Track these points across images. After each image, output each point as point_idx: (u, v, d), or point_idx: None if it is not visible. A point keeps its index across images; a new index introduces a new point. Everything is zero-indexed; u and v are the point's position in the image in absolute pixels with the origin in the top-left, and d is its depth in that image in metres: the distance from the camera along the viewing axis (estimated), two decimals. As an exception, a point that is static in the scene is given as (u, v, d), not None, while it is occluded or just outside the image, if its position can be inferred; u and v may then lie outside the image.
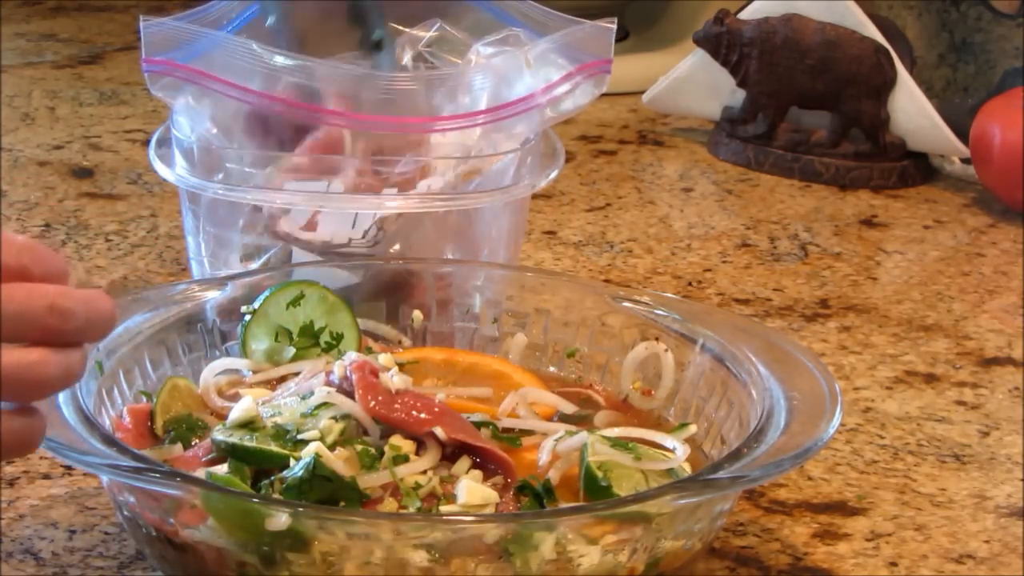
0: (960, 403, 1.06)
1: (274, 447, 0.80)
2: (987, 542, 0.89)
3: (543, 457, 0.84)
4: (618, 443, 0.83)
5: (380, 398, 0.83)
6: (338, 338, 0.93)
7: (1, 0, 1.92)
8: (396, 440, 0.82)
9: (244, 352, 0.93)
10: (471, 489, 0.79)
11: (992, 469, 0.97)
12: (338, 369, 0.85)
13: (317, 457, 0.78)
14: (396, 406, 0.83)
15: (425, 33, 1.10)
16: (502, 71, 1.03)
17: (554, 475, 0.83)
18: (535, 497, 0.80)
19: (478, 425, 0.85)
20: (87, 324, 0.71)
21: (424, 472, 0.80)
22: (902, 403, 1.05)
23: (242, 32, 1.06)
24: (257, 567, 0.75)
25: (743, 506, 0.91)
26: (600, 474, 0.80)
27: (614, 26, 1.05)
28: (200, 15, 1.05)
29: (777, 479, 0.91)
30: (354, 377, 0.83)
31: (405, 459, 0.81)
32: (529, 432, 0.87)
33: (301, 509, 0.75)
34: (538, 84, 1.02)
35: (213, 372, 0.90)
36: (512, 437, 0.86)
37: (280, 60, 1.00)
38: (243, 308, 0.93)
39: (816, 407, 0.84)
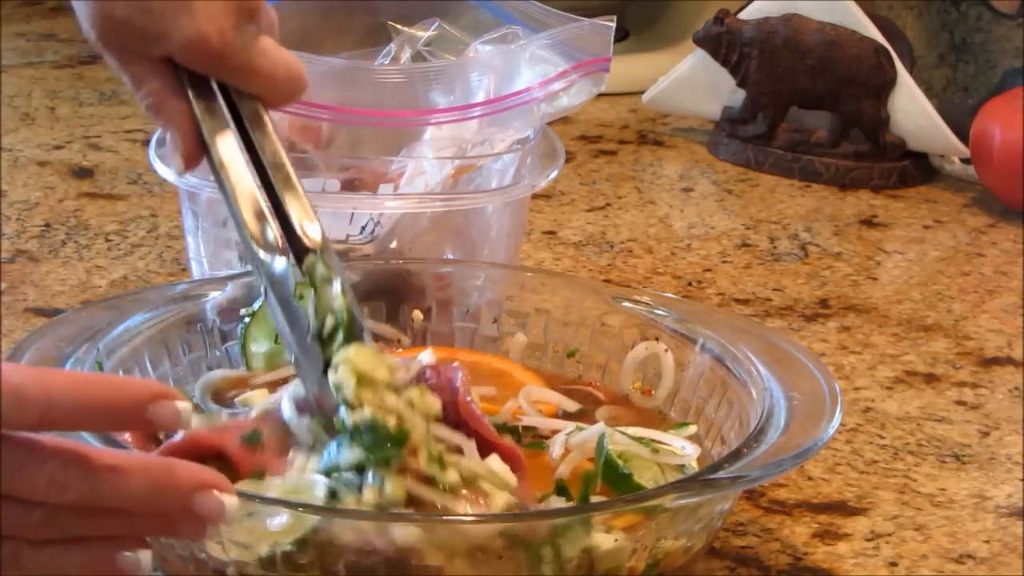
0: (960, 403, 1.05)
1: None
2: (987, 542, 0.89)
3: (555, 451, 0.84)
4: (633, 436, 0.84)
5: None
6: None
7: (1, 0, 1.92)
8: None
9: (244, 354, 0.93)
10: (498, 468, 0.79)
11: (992, 469, 0.97)
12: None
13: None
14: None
15: (424, 32, 1.10)
16: (498, 66, 1.03)
17: (565, 469, 0.83)
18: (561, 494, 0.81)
19: (499, 429, 0.86)
20: (93, 498, 0.67)
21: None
22: (902, 403, 1.05)
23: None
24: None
25: (743, 506, 0.91)
26: (621, 462, 0.81)
27: (613, 24, 1.05)
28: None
29: (777, 479, 0.91)
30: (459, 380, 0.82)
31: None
32: (545, 436, 0.87)
33: (301, 509, 0.75)
34: (535, 80, 1.02)
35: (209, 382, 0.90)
36: (536, 442, 0.86)
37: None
38: (242, 311, 0.93)
39: (816, 407, 0.84)
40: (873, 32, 1.46)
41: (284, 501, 0.76)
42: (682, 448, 0.85)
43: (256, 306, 0.93)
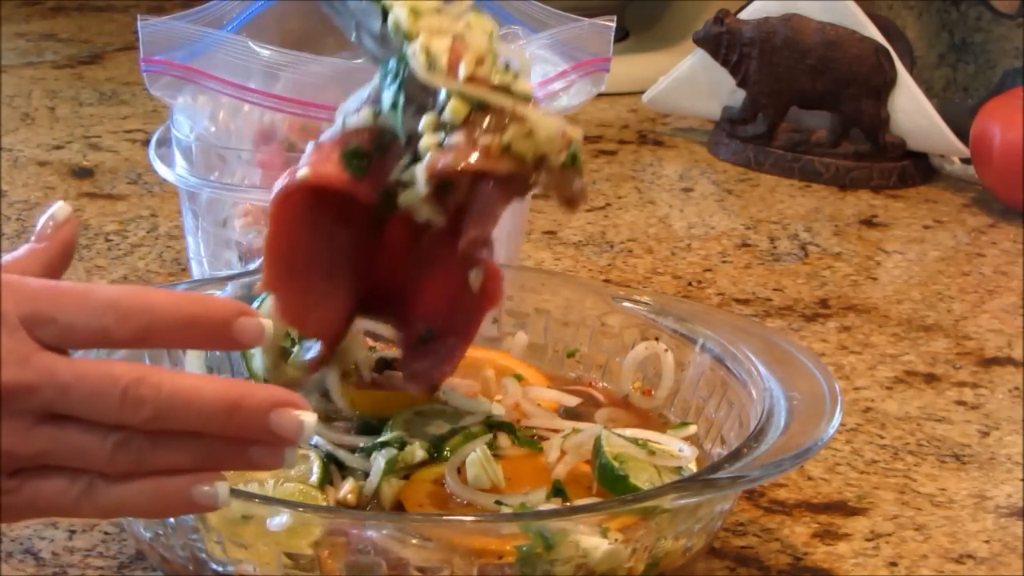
0: (960, 403, 1.05)
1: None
2: (987, 542, 0.89)
3: (552, 453, 0.84)
4: (630, 438, 0.84)
5: None
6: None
7: (1, 0, 1.92)
8: None
9: (244, 356, 0.93)
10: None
11: (992, 469, 0.97)
12: None
13: None
14: None
15: None
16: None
17: (561, 470, 0.83)
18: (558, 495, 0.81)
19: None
20: (169, 415, 0.66)
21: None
22: (902, 403, 1.05)
23: (241, 32, 1.06)
24: None
25: (743, 506, 0.91)
26: (617, 464, 0.81)
27: (613, 24, 1.05)
28: (199, 15, 1.05)
29: (777, 479, 0.91)
30: None
31: None
32: (543, 437, 0.87)
33: (301, 509, 0.75)
34: (534, 80, 1.02)
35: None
36: (533, 442, 0.86)
37: (276, 57, 1.00)
38: None
39: (816, 407, 0.84)
40: (873, 32, 1.46)
41: (284, 501, 0.76)
42: (679, 450, 0.85)
43: (254, 306, 0.93)
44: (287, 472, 0.81)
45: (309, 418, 0.68)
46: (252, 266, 1.03)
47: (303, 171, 0.80)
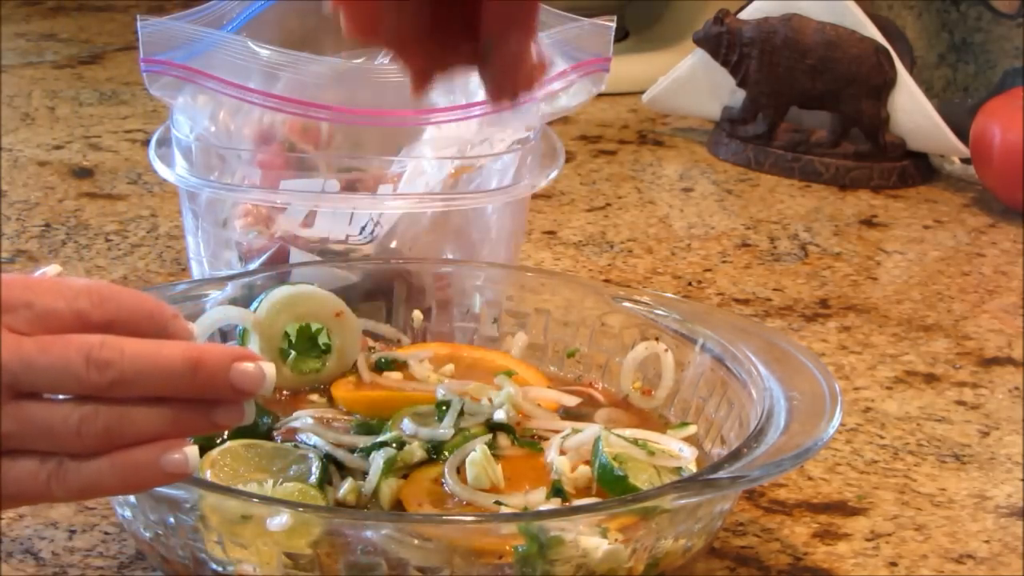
0: (960, 403, 1.05)
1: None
2: (987, 542, 0.89)
3: (551, 454, 0.84)
4: (629, 438, 0.84)
5: None
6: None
7: (1, 0, 1.92)
8: None
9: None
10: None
11: (992, 469, 0.97)
12: None
13: None
14: None
15: None
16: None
17: (561, 471, 0.83)
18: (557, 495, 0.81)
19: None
20: (134, 377, 0.66)
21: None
22: (902, 403, 1.05)
23: (241, 31, 1.06)
24: None
25: (743, 506, 0.91)
26: (616, 464, 0.81)
27: (613, 24, 1.05)
28: (198, 15, 1.05)
29: (777, 479, 0.91)
30: None
31: None
32: (543, 437, 0.87)
33: (300, 509, 0.75)
34: None
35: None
36: (532, 442, 0.86)
37: (276, 57, 1.00)
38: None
39: (816, 407, 0.84)
40: (873, 32, 1.46)
41: (283, 501, 0.76)
42: (679, 450, 0.85)
43: (253, 307, 0.93)
44: (286, 473, 0.81)
45: (269, 368, 0.68)
46: (252, 266, 1.03)
47: None
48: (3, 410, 0.66)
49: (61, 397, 0.67)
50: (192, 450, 0.68)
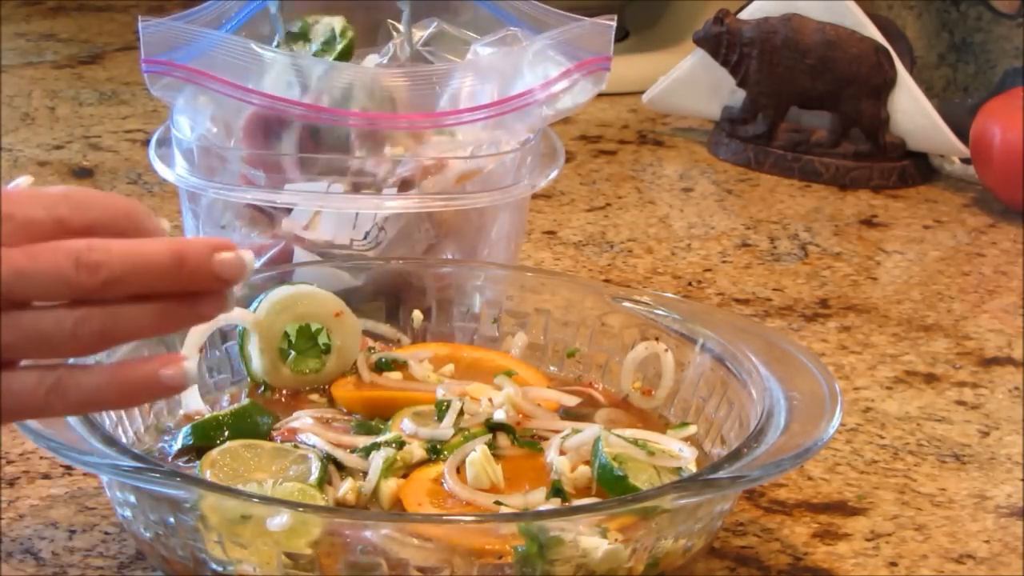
0: (960, 403, 1.05)
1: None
2: (987, 542, 0.89)
3: (551, 454, 0.84)
4: (629, 438, 0.84)
5: None
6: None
7: (1, 0, 1.92)
8: None
9: (242, 358, 0.93)
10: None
11: (992, 469, 0.97)
12: None
13: None
14: None
15: (423, 32, 1.10)
16: (500, 68, 1.03)
17: (560, 471, 0.83)
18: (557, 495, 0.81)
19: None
20: (123, 275, 0.67)
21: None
22: (902, 403, 1.05)
23: (241, 31, 1.06)
24: None
25: (743, 506, 0.91)
26: (616, 464, 0.81)
27: (613, 23, 1.05)
28: (199, 15, 1.05)
29: (777, 479, 0.91)
30: None
31: None
32: (543, 437, 0.87)
33: (300, 509, 0.75)
34: (536, 81, 1.02)
35: None
36: (532, 442, 0.86)
37: (278, 58, 1.00)
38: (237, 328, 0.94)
39: (816, 407, 0.84)
40: (873, 32, 1.46)
41: (283, 501, 0.76)
42: (679, 450, 0.85)
43: (252, 307, 0.93)
44: (286, 473, 0.81)
45: (248, 255, 0.69)
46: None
47: None
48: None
49: (52, 304, 0.67)
50: (190, 364, 0.69)
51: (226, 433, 0.85)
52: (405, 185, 1.02)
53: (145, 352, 0.86)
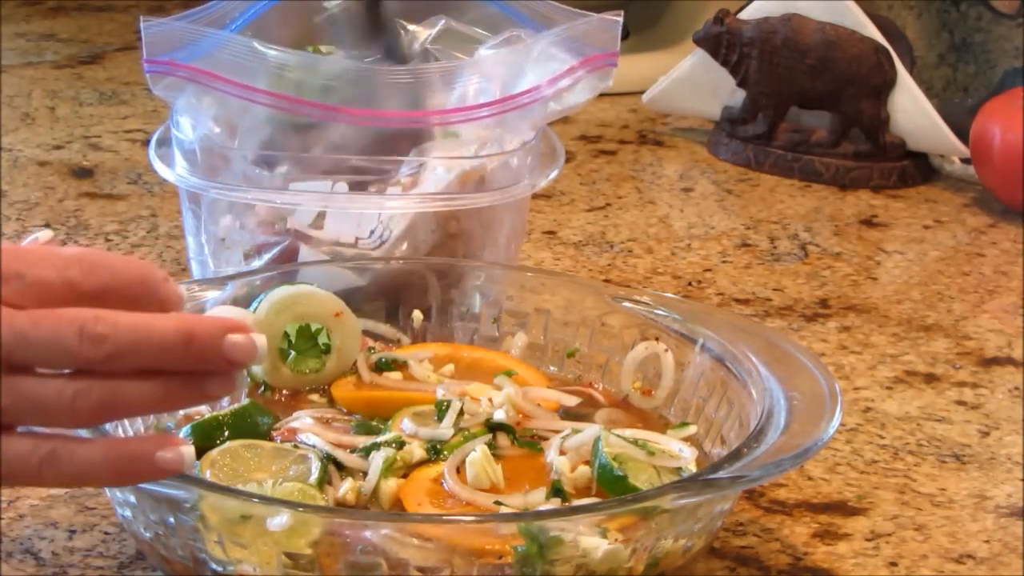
0: (960, 403, 1.05)
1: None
2: (987, 542, 0.89)
3: (551, 454, 0.84)
4: (629, 438, 0.84)
5: None
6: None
7: (1, 0, 1.92)
8: None
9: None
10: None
11: (992, 469, 0.97)
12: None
13: None
14: None
15: (430, 30, 1.10)
16: (507, 64, 1.03)
17: (560, 471, 0.83)
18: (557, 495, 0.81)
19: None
20: (128, 350, 0.66)
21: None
22: (902, 403, 1.05)
23: (245, 32, 1.06)
24: None
25: (743, 506, 0.91)
26: (616, 464, 0.81)
27: (620, 19, 1.05)
28: (200, 15, 1.05)
29: (777, 479, 0.91)
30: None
31: None
32: (543, 437, 0.87)
33: (300, 509, 0.75)
34: (543, 77, 1.02)
35: None
36: (532, 442, 0.86)
37: (282, 57, 1.00)
38: None
39: (816, 407, 0.84)
40: (873, 32, 1.46)
41: (283, 501, 0.76)
42: (679, 450, 0.85)
43: (252, 307, 0.93)
44: (286, 473, 0.81)
45: (260, 340, 0.68)
46: (257, 263, 1.03)
47: None
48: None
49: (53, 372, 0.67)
50: (188, 449, 0.68)
51: (226, 433, 0.85)
52: (409, 184, 1.02)
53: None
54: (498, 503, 0.80)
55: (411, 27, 1.11)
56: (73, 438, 0.67)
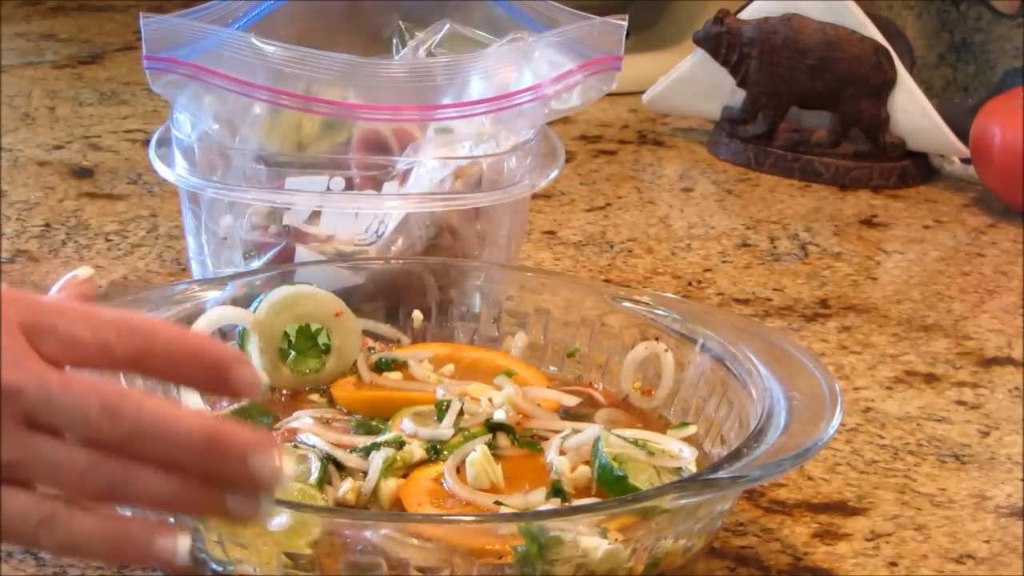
0: (960, 403, 1.05)
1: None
2: (987, 542, 0.89)
3: (551, 454, 0.84)
4: (629, 438, 0.84)
5: None
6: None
7: (1, 0, 1.92)
8: None
9: (242, 354, 0.93)
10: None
11: (992, 469, 0.97)
12: None
13: None
14: None
15: (435, 36, 1.10)
16: (506, 63, 1.03)
17: (560, 471, 0.83)
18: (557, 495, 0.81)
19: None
20: (147, 436, 0.64)
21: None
22: (902, 403, 1.05)
23: (249, 32, 1.06)
24: None
25: (743, 506, 0.91)
26: (616, 464, 0.81)
27: (624, 23, 1.05)
28: (201, 14, 1.05)
29: (777, 479, 0.91)
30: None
31: None
32: (543, 437, 0.87)
33: (300, 509, 0.75)
34: (544, 77, 1.02)
35: None
36: (532, 442, 0.86)
37: (281, 53, 1.00)
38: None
39: (816, 407, 0.84)
40: (873, 32, 1.46)
41: (283, 501, 0.76)
42: (679, 451, 0.85)
43: (252, 307, 0.93)
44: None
45: (287, 464, 0.67)
46: (256, 264, 1.03)
47: None
48: (15, 436, 0.65)
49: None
50: (184, 541, 0.66)
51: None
52: (402, 179, 1.02)
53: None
54: (498, 503, 0.80)
55: (417, 34, 1.11)
56: (76, 506, 0.66)
